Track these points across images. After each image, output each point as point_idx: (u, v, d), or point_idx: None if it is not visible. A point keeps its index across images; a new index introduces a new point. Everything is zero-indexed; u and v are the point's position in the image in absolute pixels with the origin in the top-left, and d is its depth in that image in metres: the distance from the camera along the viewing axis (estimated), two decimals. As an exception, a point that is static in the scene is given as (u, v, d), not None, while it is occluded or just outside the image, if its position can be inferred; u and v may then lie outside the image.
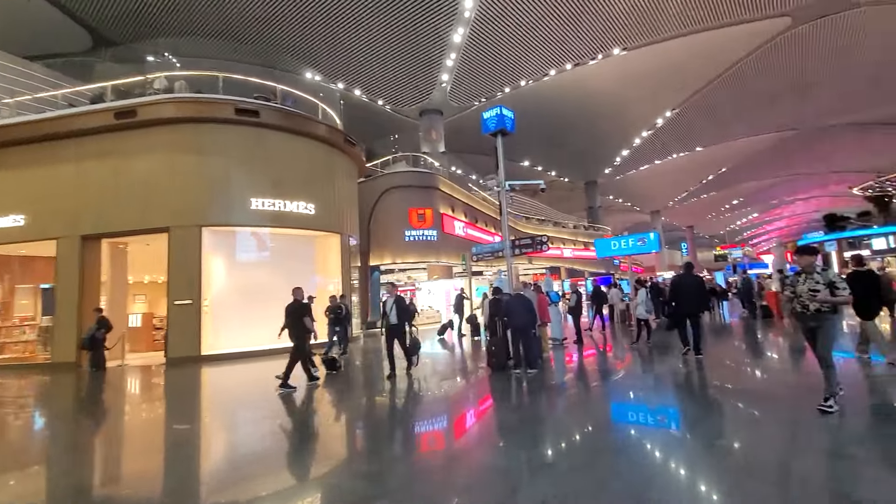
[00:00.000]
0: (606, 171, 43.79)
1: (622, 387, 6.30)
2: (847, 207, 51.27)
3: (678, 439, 3.89)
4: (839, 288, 4.03)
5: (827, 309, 4.09)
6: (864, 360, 6.40)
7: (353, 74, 25.18)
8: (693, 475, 3.08)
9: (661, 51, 25.58)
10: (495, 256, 10.10)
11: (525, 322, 6.80)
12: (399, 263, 18.33)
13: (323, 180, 12.98)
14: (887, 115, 33.94)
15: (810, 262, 4.25)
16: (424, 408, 5.84)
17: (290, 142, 12.31)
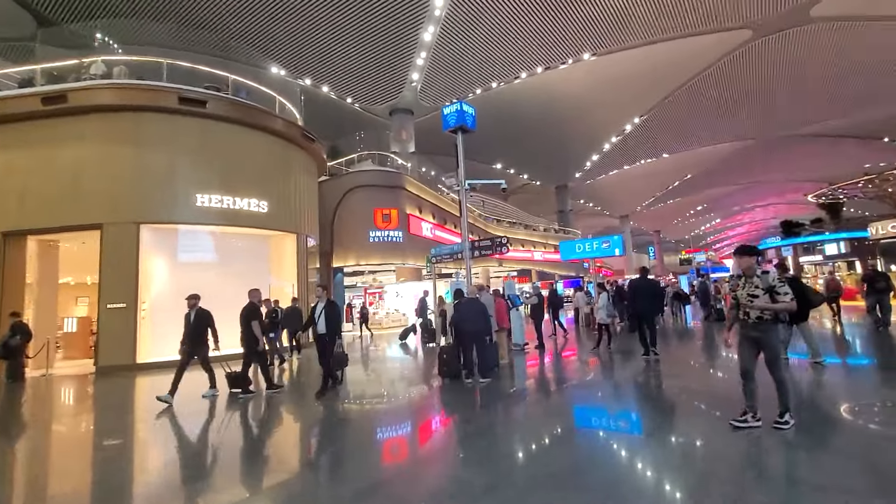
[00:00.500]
0: (577, 175, 44.24)
1: (577, 396, 5.93)
2: (802, 214, 53.58)
3: (634, 452, 3.50)
4: (780, 293, 3.66)
5: (769, 317, 3.73)
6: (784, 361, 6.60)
7: (319, 71, 24.37)
8: (647, 487, 2.69)
9: (629, 58, 25.87)
10: (454, 258, 9.65)
11: (478, 328, 6.37)
12: (363, 265, 17.67)
13: (278, 177, 12.24)
14: (836, 127, 35.51)
15: (750, 265, 3.87)
16: (353, 426, 5.24)
17: (241, 135, 11.54)
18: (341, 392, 6.63)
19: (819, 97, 30.90)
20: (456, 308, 6.68)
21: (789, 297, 3.64)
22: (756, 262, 3.92)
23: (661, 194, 53.40)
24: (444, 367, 6.61)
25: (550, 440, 4.12)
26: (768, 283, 3.71)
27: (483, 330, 6.43)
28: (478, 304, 6.51)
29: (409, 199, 19.13)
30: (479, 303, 6.56)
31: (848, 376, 6.39)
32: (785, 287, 3.68)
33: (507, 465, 3.48)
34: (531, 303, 10.18)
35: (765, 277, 3.76)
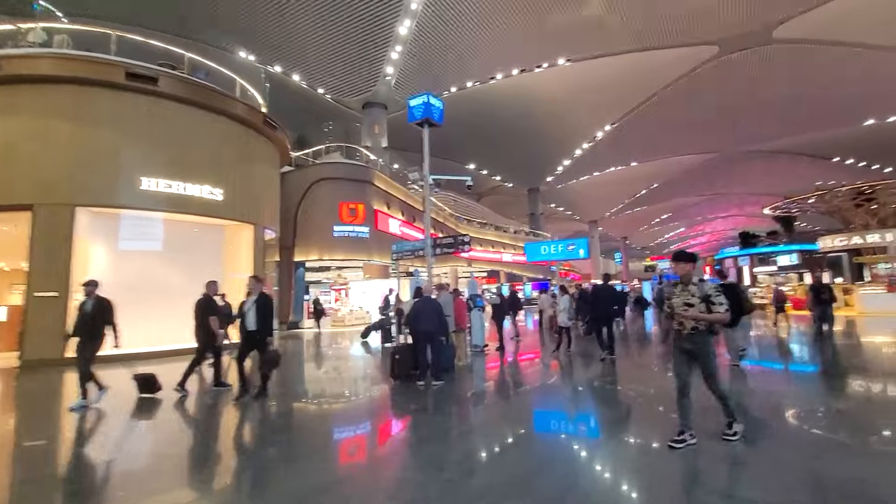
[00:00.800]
0: (549, 178, 44.71)
1: (531, 400, 5.73)
2: (760, 227, 56.06)
3: (581, 462, 3.30)
4: (715, 303, 3.43)
5: (703, 328, 3.51)
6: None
7: (291, 58, 23.57)
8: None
9: (603, 66, 26.20)
10: (416, 255, 9.34)
11: (432, 328, 6.09)
12: (326, 260, 17.10)
13: (235, 164, 11.60)
14: (792, 145, 37.21)
15: (687, 271, 3.62)
16: (282, 433, 4.82)
17: (197, 118, 10.85)
18: (279, 394, 6.16)
19: (777, 116, 32.22)
20: (411, 308, 6.38)
21: (724, 307, 3.43)
22: (693, 269, 3.68)
23: (628, 202, 54.71)
24: (395, 367, 6.29)
25: (499, 447, 3.88)
26: (704, 291, 3.49)
27: (437, 330, 6.15)
28: (433, 304, 6.23)
29: (377, 195, 18.67)
30: (435, 302, 6.28)
31: (791, 382, 6.53)
32: (720, 297, 3.47)
33: (450, 475, 3.20)
34: (493, 303, 9.97)
35: (701, 286, 3.54)
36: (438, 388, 6.05)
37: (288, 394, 6.45)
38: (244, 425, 5.02)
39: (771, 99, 30.18)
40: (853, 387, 5.95)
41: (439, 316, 6.15)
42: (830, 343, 9.79)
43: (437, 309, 6.17)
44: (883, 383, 6.05)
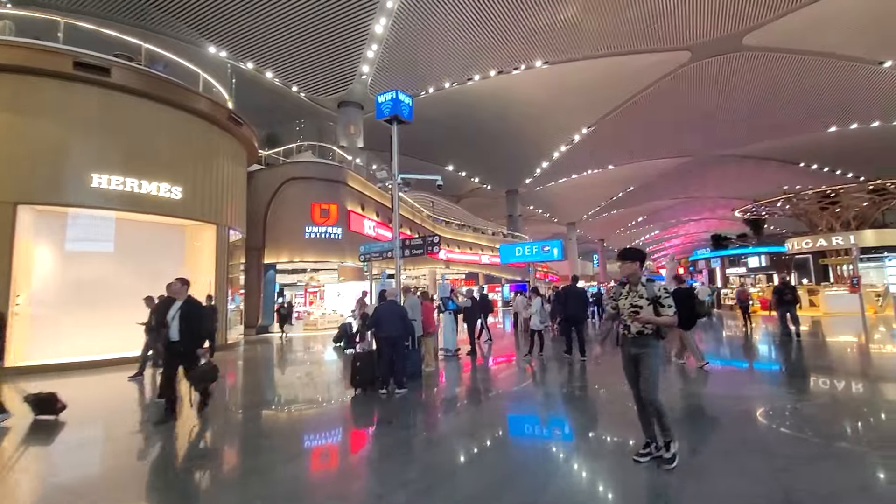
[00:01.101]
0: (527, 181, 44.89)
1: (499, 407, 5.45)
2: (731, 229, 57.62)
3: (549, 475, 3.02)
4: (664, 305, 3.19)
5: (650, 332, 3.25)
6: (680, 365, 7.37)
7: (263, 55, 22.87)
8: None
9: (580, 69, 26.36)
10: (384, 257, 9.00)
11: (395, 333, 5.77)
12: (297, 262, 16.56)
13: (196, 161, 11.02)
14: (762, 150, 38.32)
15: (633, 271, 3.35)
16: (230, 447, 4.46)
17: (154, 112, 10.25)
18: (222, 408, 5.69)
19: (747, 122, 33.06)
20: (374, 311, 6.04)
21: (672, 310, 3.20)
22: (640, 268, 3.38)
23: (605, 204, 55.43)
24: (356, 375, 5.94)
25: (460, 462, 3.59)
26: (653, 293, 3.23)
27: (401, 335, 5.84)
28: (396, 308, 5.91)
29: (351, 195, 18.22)
30: (398, 305, 5.96)
31: (754, 381, 6.45)
32: (669, 299, 3.23)
33: (405, 496, 2.89)
34: (464, 305, 9.69)
35: (650, 286, 3.29)
36: (401, 396, 5.73)
37: (232, 408, 5.96)
38: (169, 447, 4.44)
39: (741, 105, 30.95)
40: (807, 386, 5.92)
41: (402, 320, 5.83)
42: (791, 342, 9.91)
43: (400, 313, 5.85)
44: (838, 383, 6.02)
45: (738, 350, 10.19)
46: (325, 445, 4.43)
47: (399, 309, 5.90)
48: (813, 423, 4.27)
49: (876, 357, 8.69)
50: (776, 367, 7.85)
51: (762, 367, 8.00)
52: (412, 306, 7.18)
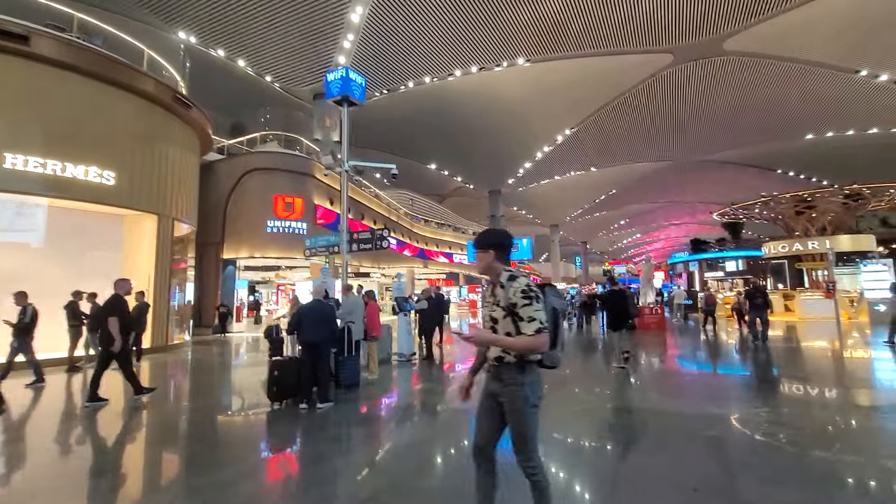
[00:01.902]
0: (510, 181, 44.32)
1: (439, 426, 4.67)
2: (710, 234, 58.06)
3: None
4: (523, 318, 1.96)
5: (512, 359, 2.04)
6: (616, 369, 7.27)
7: (235, 42, 21.76)
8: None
9: (564, 69, 25.86)
10: (330, 252, 8.17)
11: (319, 338, 4.94)
12: (258, 258, 15.56)
13: (134, 145, 9.99)
14: (741, 156, 38.45)
15: (486, 264, 2.14)
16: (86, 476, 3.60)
17: (82, 88, 9.18)
18: (106, 422, 4.82)
19: (726, 127, 33.06)
20: (297, 313, 5.19)
21: (536, 325, 1.93)
22: (494, 260, 2.13)
23: (588, 206, 55.24)
24: (273, 386, 5.08)
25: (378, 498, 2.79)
26: (509, 298, 2.01)
27: (325, 340, 5.00)
28: (322, 308, 5.07)
29: (319, 189, 17.28)
30: (325, 306, 5.12)
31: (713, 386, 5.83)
32: (531, 307, 1.96)
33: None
34: (420, 307, 8.86)
35: (508, 287, 2.03)
36: (324, 412, 4.88)
37: (128, 422, 5.04)
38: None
39: (721, 110, 30.91)
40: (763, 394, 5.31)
41: (327, 322, 5.00)
42: (757, 347, 9.81)
43: (325, 314, 5.01)
44: (799, 390, 5.40)
45: (698, 355, 10.02)
46: (220, 474, 3.55)
47: (325, 309, 5.06)
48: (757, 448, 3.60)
49: (847, 363, 8.31)
50: (724, 370, 7.81)
51: (719, 371, 7.48)
52: (353, 307, 6.37)
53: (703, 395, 5.67)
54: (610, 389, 6.05)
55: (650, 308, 15.19)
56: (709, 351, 10.28)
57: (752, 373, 7.35)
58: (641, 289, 15.97)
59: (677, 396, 5.72)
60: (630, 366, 7.33)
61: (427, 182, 45.47)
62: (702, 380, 7.04)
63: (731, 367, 8.06)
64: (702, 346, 11.14)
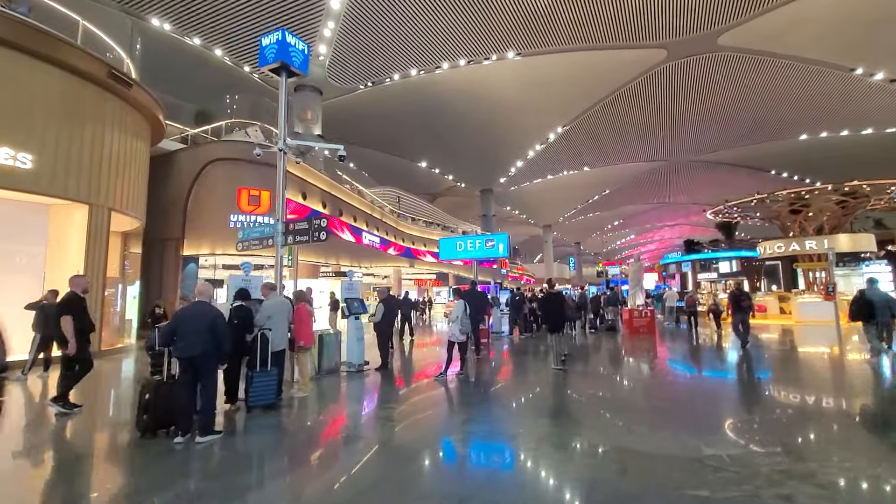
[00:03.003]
0: (502, 180, 43.22)
1: (350, 470, 3.40)
2: (704, 235, 57.19)
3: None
4: None
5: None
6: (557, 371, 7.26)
7: (210, 31, 20.56)
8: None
9: (555, 64, 24.81)
10: (264, 245, 7.00)
11: (198, 349, 3.76)
12: (220, 255, 14.34)
13: (60, 125, 8.73)
14: (734, 157, 37.53)
15: None
16: None
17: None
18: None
19: (720, 126, 32.18)
20: (173, 321, 3.99)
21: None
22: None
23: (581, 207, 54.26)
24: (143, 413, 3.90)
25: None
26: None
27: (206, 353, 3.82)
28: (204, 312, 3.88)
29: (290, 182, 16.05)
30: (207, 310, 3.93)
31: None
32: None
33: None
34: (375, 317, 7.54)
35: None
36: (205, 447, 3.71)
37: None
38: None
39: (714, 109, 30.01)
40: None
41: (211, 331, 3.82)
42: (740, 351, 9.43)
43: (208, 321, 3.82)
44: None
45: (680, 358, 9.65)
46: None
47: (207, 314, 3.86)
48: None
49: (851, 372, 7.22)
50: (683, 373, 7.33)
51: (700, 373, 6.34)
52: (273, 310, 5.18)
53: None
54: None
55: (639, 311, 14.03)
56: (685, 355, 9.90)
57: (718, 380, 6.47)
58: (630, 290, 14.83)
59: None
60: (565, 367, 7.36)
61: (419, 181, 44.32)
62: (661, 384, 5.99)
63: (693, 371, 7.40)
64: (680, 350, 10.65)
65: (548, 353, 9.23)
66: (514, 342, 11.94)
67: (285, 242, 6.54)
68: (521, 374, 7.59)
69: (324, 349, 7.26)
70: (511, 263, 55.93)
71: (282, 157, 6.62)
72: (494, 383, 6.64)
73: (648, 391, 6.08)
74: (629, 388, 6.40)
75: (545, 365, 8.06)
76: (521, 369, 8.07)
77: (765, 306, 19.38)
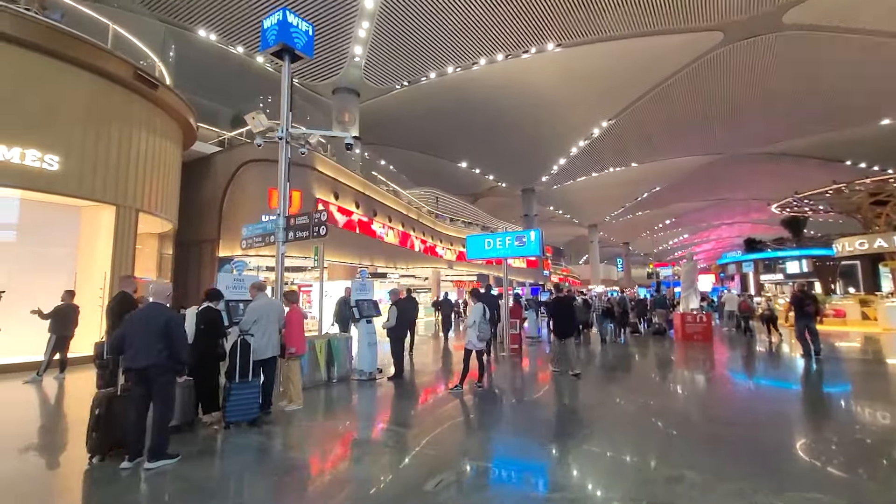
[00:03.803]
0: (544, 178, 41.62)
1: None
2: (766, 234, 52.24)
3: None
4: None
5: None
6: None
7: (253, 39, 21.00)
8: None
9: (598, 54, 23.24)
10: (266, 242, 6.47)
11: (149, 360, 3.15)
12: (252, 255, 14.27)
13: (86, 126, 8.71)
14: (801, 147, 33.74)
15: None
16: None
17: (18, 61, 8.03)
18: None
19: (785, 113, 28.98)
20: (122, 324, 3.41)
21: None
22: None
23: (629, 205, 51.25)
24: (93, 431, 3.35)
25: None
26: None
27: (157, 364, 3.20)
28: (155, 317, 3.27)
29: (321, 182, 15.82)
30: (160, 314, 3.31)
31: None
32: None
33: None
34: (389, 322, 6.69)
35: None
36: (154, 475, 3.11)
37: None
38: None
39: (779, 95, 26.96)
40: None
41: (163, 339, 3.20)
42: (810, 362, 7.99)
43: (160, 325, 3.22)
44: None
45: (740, 369, 8.27)
46: None
47: (159, 319, 3.26)
48: None
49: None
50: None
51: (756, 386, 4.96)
52: (260, 313, 4.56)
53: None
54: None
55: (693, 315, 12.40)
56: (746, 366, 8.58)
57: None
58: (683, 292, 13.17)
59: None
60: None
61: (460, 181, 43.63)
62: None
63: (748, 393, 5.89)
64: (741, 361, 9.27)
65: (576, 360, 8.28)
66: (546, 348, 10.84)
67: (286, 238, 5.98)
68: (543, 386, 6.55)
69: (333, 355, 6.64)
70: (555, 265, 53.81)
71: (284, 147, 6.07)
72: (514, 397, 5.70)
73: (704, 411, 4.92)
74: (677, 407, 5.25)
75: (570, 376, 7.09)
76: (544, 380, 7.01)
77: (843, 311, 16.91)
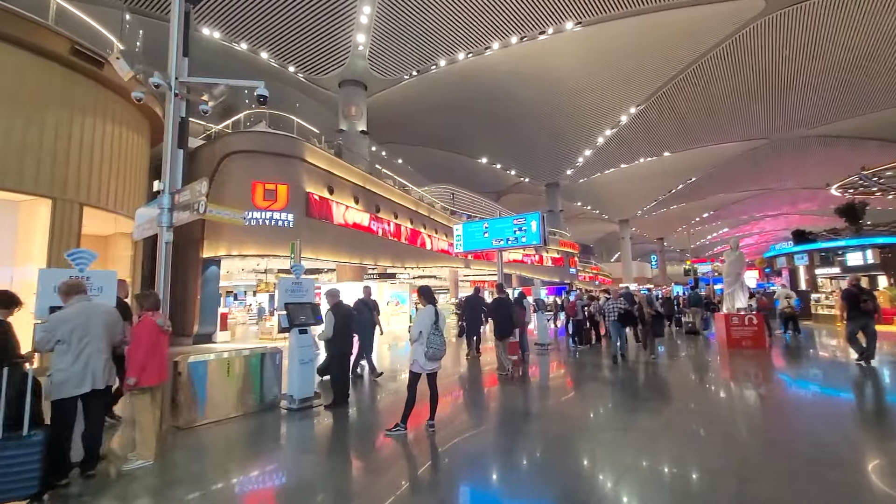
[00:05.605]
0: (569, 171, 38.99)
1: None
2: (816, 225, 47.01)
3: None
4: None
5: None
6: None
7: (256, 35, 20.02)
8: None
9: (624, 32, 20.77)
10: (155, 229, 4.92)
11: None
12: (234, 255, 13.00)
13: (16, 110, 7.62)
14: (858, 128, 29.67)
15: None
16: None
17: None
18: None
19: (840, 90, 25.35)
20: None
21: None
22: None
23: (663, 198, 47.56)
24: None
25: None
26: None
27: None
28: None
29: (313, 174, 14.36)
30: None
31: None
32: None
33: None
34: (325, 332, 4.86)
35: None
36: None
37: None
38: None
39: (831, 69, 23.48)
40: None
41: None
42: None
43: None
44: None
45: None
46: None
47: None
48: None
49: None
50: None
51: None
52: (78, 324, 2.98)
53: None
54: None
55: (741, 316, 10.01)
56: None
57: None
58: (726, 288, 10.69)
59: None
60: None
61: (481, 178, 41.62)
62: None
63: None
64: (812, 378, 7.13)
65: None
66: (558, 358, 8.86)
67: (171, 222, 4.40)
68: (532, 420, 4.70)
69: (260, 375, 5.03)
70: (584, 262, 50.77)
71: (173, 102, 4.50)
72: (472, 446, 3.89)
73: (761, 463, 2.97)
74: (721, 448, 3.28)
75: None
76: (528, 410, 5.14)
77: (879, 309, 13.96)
